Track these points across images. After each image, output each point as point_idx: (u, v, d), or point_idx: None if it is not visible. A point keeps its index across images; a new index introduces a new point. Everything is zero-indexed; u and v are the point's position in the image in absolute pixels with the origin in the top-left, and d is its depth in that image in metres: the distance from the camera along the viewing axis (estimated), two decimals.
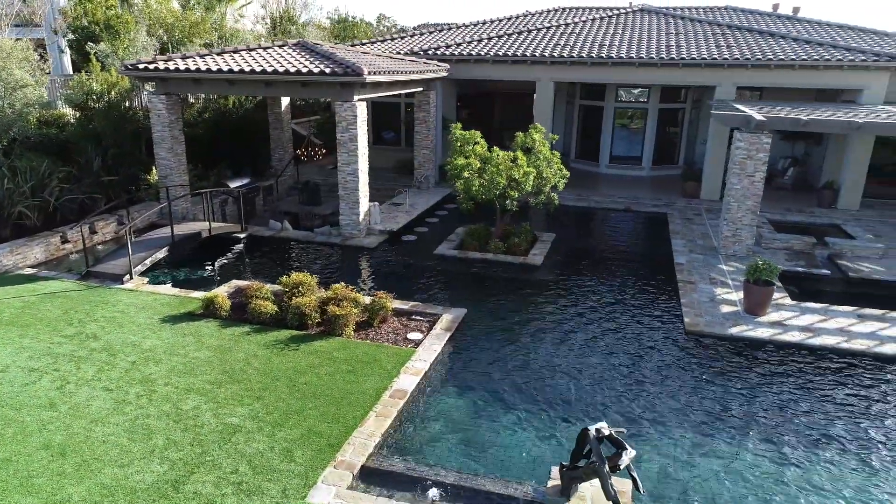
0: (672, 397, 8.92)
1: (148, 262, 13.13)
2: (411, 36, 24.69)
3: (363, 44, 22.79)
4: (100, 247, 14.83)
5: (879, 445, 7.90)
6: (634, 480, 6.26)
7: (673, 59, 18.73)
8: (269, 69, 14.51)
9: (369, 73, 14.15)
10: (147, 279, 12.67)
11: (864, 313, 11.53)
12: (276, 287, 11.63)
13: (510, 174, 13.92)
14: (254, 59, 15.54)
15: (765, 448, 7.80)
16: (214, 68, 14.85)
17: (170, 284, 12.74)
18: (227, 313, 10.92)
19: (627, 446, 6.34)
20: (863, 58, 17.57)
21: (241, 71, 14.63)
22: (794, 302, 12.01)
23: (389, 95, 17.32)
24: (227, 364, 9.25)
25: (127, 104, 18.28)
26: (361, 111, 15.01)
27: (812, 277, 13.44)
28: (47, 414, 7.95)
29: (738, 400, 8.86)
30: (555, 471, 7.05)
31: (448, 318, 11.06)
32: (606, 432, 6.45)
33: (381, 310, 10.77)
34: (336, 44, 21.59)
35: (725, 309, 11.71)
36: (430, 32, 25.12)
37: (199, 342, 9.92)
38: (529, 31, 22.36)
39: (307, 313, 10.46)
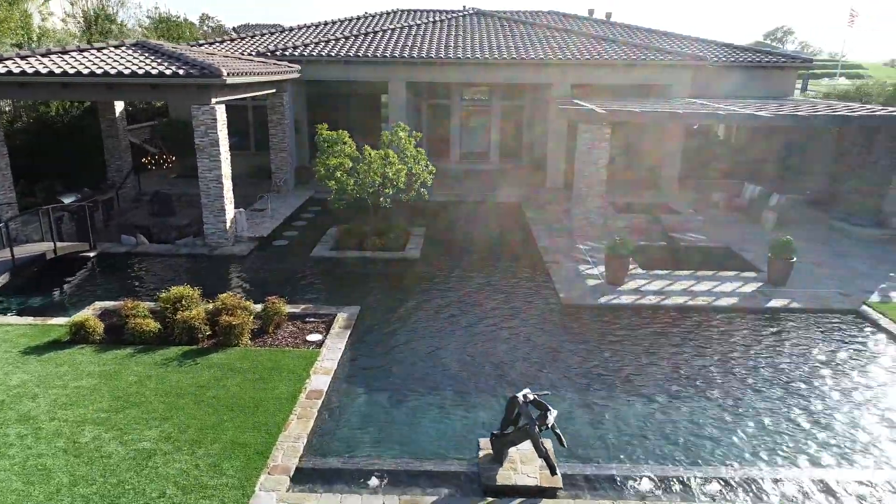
0: (564, 361, 9.85)
1: None
2: (252, 37, 23.94)
3: (201, 44, 21.66)
4: None
5: (720, 379, 9.43)
6: (559, 437, 6.93)
7: (514, 58, 20.18)
8: (113, 71, 13.39)
9: (229, 74, 13.63)
10: None
11: (699, 275, 13.50)
12: (152, 304, 10.93)
13: (384, 172, 14.22)
14: (89, 60, 14.21)
15: (656, 393, 8.95)
16: (44, 71, 13.37)
17: (16, 313, 11.33)
18: (102, 337, 10.02)
19: (550, 407, 7.00)
20: (671, 57, 20.30)
21: (79, 73, 13.33)
22: (644, 271, 13.69)
23: (234, 99, 16.68)
24: (118, 389, 8.55)
25: None
26: (221, 114, 14.42)
27: (653, 248, 15.36)
28: None
29: (619, 356, 10.01)
30: (483, 441, 7.55)
31: (344, 316, 11.12)
32: (531, 397, 7.07)
33: (275, 315, 10.55)
34: (177, 45, 20.22)
35: (591, 282, 13.04)
36: (272, 34, 24.51)
37: (77, 371, 9.03)
38: (376, 33, 22.73)
39: (197, 327, 9.96)
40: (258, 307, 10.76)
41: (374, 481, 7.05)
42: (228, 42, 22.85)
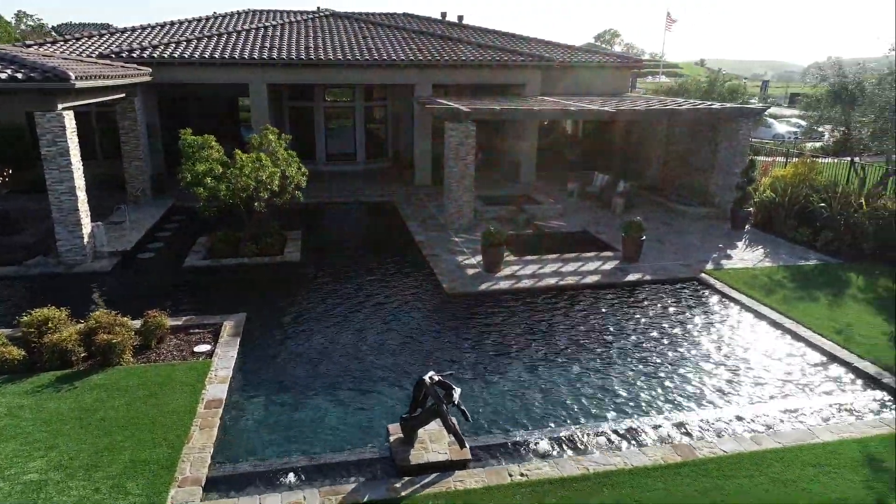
0: (454, 344, 10.42)
1: None
2: (89, 37, 22.12)
3: (29, 45, 19.70)
4: None
5: (592, 345, 10.54)
6: (464, 412, 7.44)
7: (376, 60, 20.51)
8: None
9: (78, 78, 12.66)
10: None
11: (565, 258, 14.74)
12: (9, 331, 10.03)
13: (257, 175, 13.94)
14: None
15: (541, 364, 9.77)
16: None
17: None
18: None
19: (454, 386, 7.48)
20: (522, 59, 21.72)
21: None
22: (516, 258, 14.67)
23: (78, 105, 15.40)
24: None
25: None
26: (69, 121, 13.34)
27: (522, 237, 16.43)
28: None
29: (504, 335, 10.77)
30: (392, 427, 7.87)
31: (231, 324, 10.86)
32: (437, 378, 7.50)
33: (157, 329, 10.08)
34: (4, 47, 18.12)
35: (470, 271, 13.77)
36: (112, 34, 22.82)
37: None
38: (230, 34, 21.99)
39: (69, 349, 9.27)
40: (136, 323, 10.21)
41: (290, 479, 7.11)
42: (62, 43, 20.96)
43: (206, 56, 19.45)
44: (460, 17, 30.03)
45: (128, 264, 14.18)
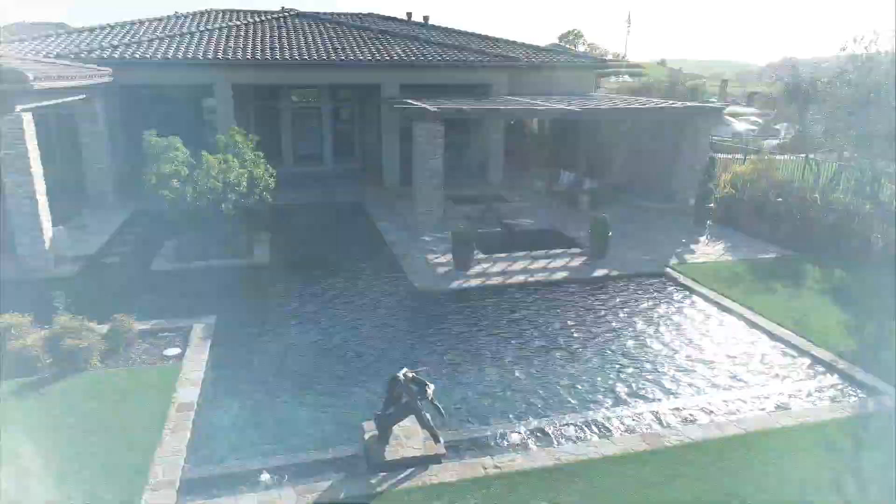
0: (427, 342, 10.52)
1: None
2: (46, 37, 21.60)
3: None
4: None
5: (559, 338, 10.77)
6: (438, 408, 7.57)
7: (343, 60, 20.47)
8: None
9: (36, 79, 12.38)
10: None
11: (533, 255, 14.95)
12: None
13: (224, 177, 13.82)
14: None
15: (503, 356, 9.93)
16: None
17: None
18: None
19: (428, 382, 7.59)
20: (489, 59, 21.92)
21: None
22: (486, 255, 14.82)
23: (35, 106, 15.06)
24: None
25: None
26: (28, 123, 13.02)
27: (491, 235, 16.61)
28: None
29: (476, 331, 10.91)
30: (367, 425, 7.92)
31: (201, 327, 10.77)
32: (411, 375, 7.60)
33: (125, 333, 9.96)
34: None
35: (441, 269, 13.89)
36: (69, 34, 22.37)
37: None
38: (193, 34, 21.69)
39: (34, 355, 9.10)
40: (104, 328, 10.06)
41: (265, 478, 7.12)
42: (17, 43, 20.41)
43: (169, 56, 19.17)
44: (426, 18, 30.06)
45: (93, 269, 13.89)
